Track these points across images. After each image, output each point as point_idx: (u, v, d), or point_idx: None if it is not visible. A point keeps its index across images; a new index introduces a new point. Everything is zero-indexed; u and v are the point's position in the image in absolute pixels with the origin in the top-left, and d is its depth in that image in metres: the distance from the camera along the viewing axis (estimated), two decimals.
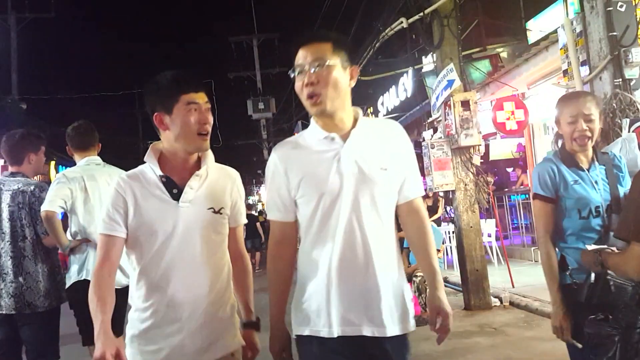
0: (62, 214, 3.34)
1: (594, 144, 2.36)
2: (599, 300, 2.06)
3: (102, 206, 2.06)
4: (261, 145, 24.54)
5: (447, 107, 6.64)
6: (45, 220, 3.19)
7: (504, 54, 9.47)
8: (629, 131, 3.97)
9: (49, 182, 3.47)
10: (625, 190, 2.28)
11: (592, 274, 2.08)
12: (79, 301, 3.04)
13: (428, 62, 10.24)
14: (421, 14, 6.81)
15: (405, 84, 12.00)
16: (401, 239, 2.58)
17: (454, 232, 8.13)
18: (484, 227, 8.24)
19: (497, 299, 6.64)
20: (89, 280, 2.69)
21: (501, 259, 8.91)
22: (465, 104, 6.49)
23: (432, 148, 6.64)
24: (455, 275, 8.04)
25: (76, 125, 3.58)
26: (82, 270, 3.34)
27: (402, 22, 7.39)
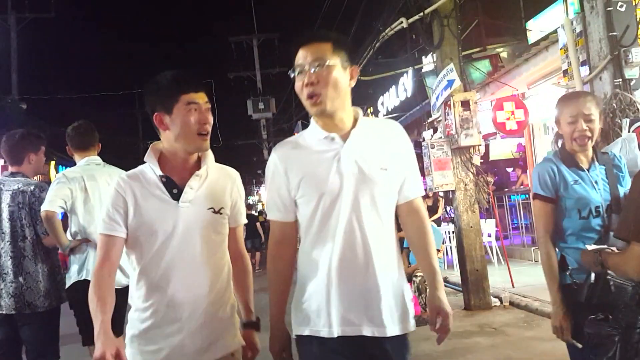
0: (62, 214, 3.34)
1: (594, 144, 2.36)
2: (599, 300, 2.06)
3: (102, 206, 2.06)
4: (261, 145, 24.54)
5: (447, 107, 6.64)
6: (45, 220, 3.19)
7: (504, 54, 9.46)
8: (629, 131, 3.97)
9: (49, 182, 3.47)
10: (625, 190, 2.28)
11: (592, 274, 2.08)
12: (79, 301, 3.04)
13: (428, 62, 10.24)
14: (421, 14, 6.81)
15: (405, 84, 12.00)
16: (401, 239, 2.58)
17: (454, 232, 8.12)
18: (484, 227, 8.23)
19: (497, 299, 6.64)
20: (89, 280, 2.69)
21: (501, 259, 8.91)
22: (465, 104, 6.48)
23: (432, 148, 6.64)
24: (455, 275, 8.03)
25: (76, 125, 3.58)
26: (82, 270, 3.34)
27: (402, 22, 7.39)
